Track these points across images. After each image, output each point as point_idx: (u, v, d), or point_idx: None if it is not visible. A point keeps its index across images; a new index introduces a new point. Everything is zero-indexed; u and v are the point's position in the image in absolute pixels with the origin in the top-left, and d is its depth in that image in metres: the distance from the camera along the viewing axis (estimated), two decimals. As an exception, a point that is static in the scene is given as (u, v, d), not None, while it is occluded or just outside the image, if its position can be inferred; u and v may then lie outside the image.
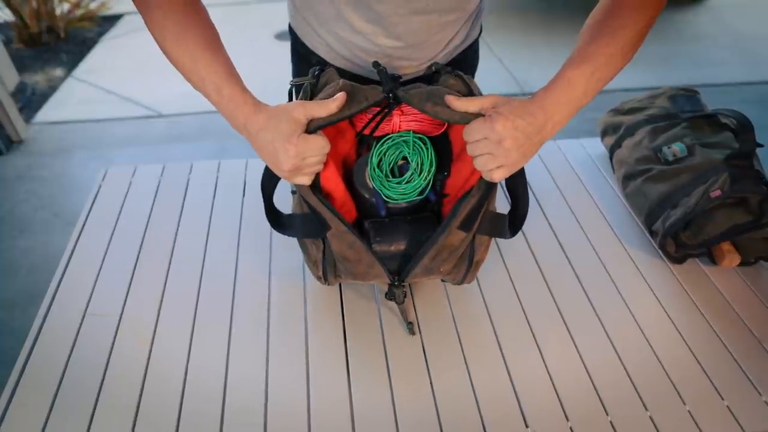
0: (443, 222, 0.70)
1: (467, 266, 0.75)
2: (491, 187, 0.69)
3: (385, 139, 0.77)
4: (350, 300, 0.86)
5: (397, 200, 0.76)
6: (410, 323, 0.80)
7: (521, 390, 0.74)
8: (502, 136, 0.62)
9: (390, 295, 0.76)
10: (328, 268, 0.76)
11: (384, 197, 0.75)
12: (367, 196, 0.77)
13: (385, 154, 0.76)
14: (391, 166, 0.76)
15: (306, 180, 0.68)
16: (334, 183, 0.73)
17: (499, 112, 0.63)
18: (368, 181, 0.77)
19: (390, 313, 0.84)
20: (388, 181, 0.75)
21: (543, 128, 0.65)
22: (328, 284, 0.80)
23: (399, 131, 0.77)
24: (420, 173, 0.75)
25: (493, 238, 0.77)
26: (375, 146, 0.76)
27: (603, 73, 0.68)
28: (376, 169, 0.75)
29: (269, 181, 0.74)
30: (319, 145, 0.65)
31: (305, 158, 0.65)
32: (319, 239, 0.74)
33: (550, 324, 0.83)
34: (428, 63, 0.90)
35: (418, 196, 0.76)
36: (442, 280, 0.82)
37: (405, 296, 0.77)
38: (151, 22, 0.67)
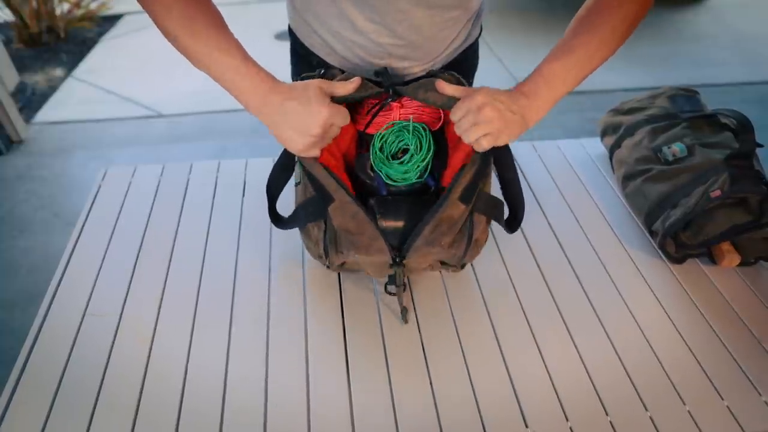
0: (443, 194, 0.72)
1: (467, 242, 0.75)
2: (486, 160, 0.73)
3: (386, 126, 0.80)
4: (350, 300, 0.86)
5: (397, 181, 0.78)
6: (404, 308, 0.80)
7: (521, 390, 0.74)
8: (482, 104, 0.68)
9: (390, 281, 0.77)
10: (329, 245, 0.75)
11: (385, 178, 0.78)
12: (368, 181, 0.79)
13: (386, 141, 0.80)
14: (392, 151, 0.80)
15: (317, 152, 0.72)
16: (334, 167, 0.75)
17: (479, 89, 0.70)
18: (370, 164, 0.79)
19: (390, 313, 0.84)
20: (389, 161, 0.79)
21: (525, 109, 0.70)
22: (329, 263, 0.79)
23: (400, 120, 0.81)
24: (419, 153, 0.79)
25: (491, 236, 0.77)
26: (377, 133, 0.80)
27: (583, 66, 0.73)
28: (378, 153, 0.79)
29: (276, 181, 0.82)
30: (344, 114, 0.70)
31: (332, 124, 0.70)
32: (321, 220, 0.75)
33: (550, 324, 0.83)
34: (430, 63, 0.91)
35: (417, 178, 0.78)
36: (443, 264, 0.82)
37: (405, 282, 0.78)
38: (155, 14, 0.67)
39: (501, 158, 0.78)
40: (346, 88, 0.72)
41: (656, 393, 0.74)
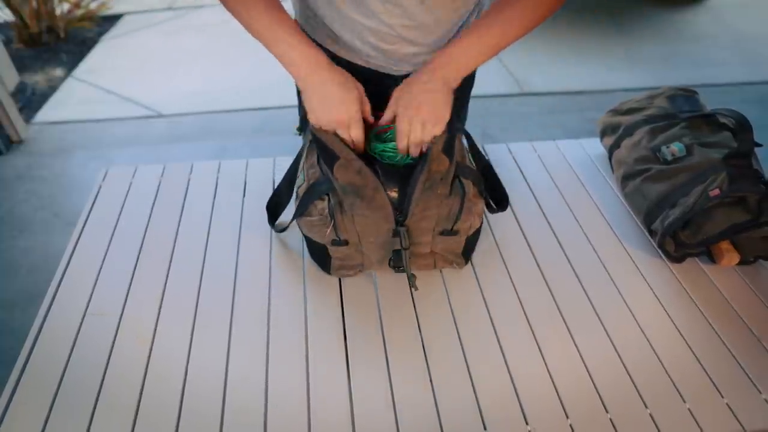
0: (427, 150, 0.80)
1: (461, 198, 0.81)
2: (450, 125, 0.82)
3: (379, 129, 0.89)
4: (350, 300, 0.86)
5: (393, 157, 0.85)
6: (412, 275, 0.82)
7: (521, 388, 0.74)
8: (407, 106, 0.79)
9: (394, 256, 0.83)
10: (335, 207, 0.80)
11: (380, 156, 0.85)
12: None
13: (381, 134, 0.88)
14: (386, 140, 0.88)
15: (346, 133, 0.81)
16: None
17: (395, 97, 0.82)
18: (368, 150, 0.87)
19: (390, 312, 0.84)
20: (383, 142, 0.86)
21: (436, 71, 0.80)
22: (334, 225, 0.81)
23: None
24: None
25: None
26: (373, 130, 0.88)
27: (497, 40, 0.81)
28: (374, 140, 0.87)
29: (278, 198, 0.96)
30: (360, 128, 0.82)
31: (354, 113, 0.80)
32: (325, 195, 0.81)
33: (550, 323, 0.83)
34: (436, 50, 0.93)
35: (410, 160, 0.84)
36: (446, 234, 0.84)
37: (408, 245, 0.81)
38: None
39: (474, 153, 0.92)
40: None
41: (656, 391, 0.74)
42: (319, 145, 0.81)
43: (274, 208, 0.98)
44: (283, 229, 0.96)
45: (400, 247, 0.81)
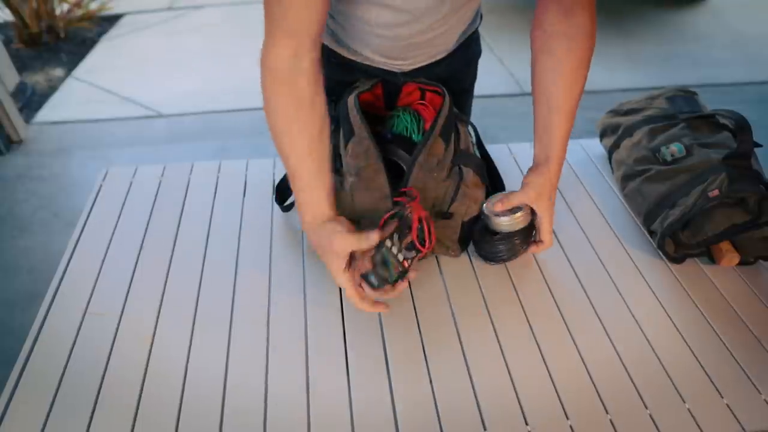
0: (428, 131, 0.85)
1: (456, 183, 0.85)
2: (452, 118, 0.86)
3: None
4: (350, 300, 0.86)
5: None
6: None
7: (521, 389, 0.74)
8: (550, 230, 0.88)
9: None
10: (336, 184, 0.83)
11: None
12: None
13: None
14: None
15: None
16: None
17: (540, 208, 0.88)
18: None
19: (390, 312, 0.84)
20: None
21: (551, 195, 0.88)
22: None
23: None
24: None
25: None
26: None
27: (568, 128, 0.90)
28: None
29: (287, 186, 0.97)
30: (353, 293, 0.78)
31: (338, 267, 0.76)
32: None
33: (550, 323, 0.83)
34: (442, 50, 0.95)
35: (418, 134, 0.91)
36: (441, 217, 0.86)
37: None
38: (280, 141, 0.76)
39: (479, 146, 0.99)
40: (368, 242, 0.75)
41: (656, 391, 0.74)
42: (343, 117, 0.85)
43: (284, 189, 1.01)
44: (288, 208, 0.99)
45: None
